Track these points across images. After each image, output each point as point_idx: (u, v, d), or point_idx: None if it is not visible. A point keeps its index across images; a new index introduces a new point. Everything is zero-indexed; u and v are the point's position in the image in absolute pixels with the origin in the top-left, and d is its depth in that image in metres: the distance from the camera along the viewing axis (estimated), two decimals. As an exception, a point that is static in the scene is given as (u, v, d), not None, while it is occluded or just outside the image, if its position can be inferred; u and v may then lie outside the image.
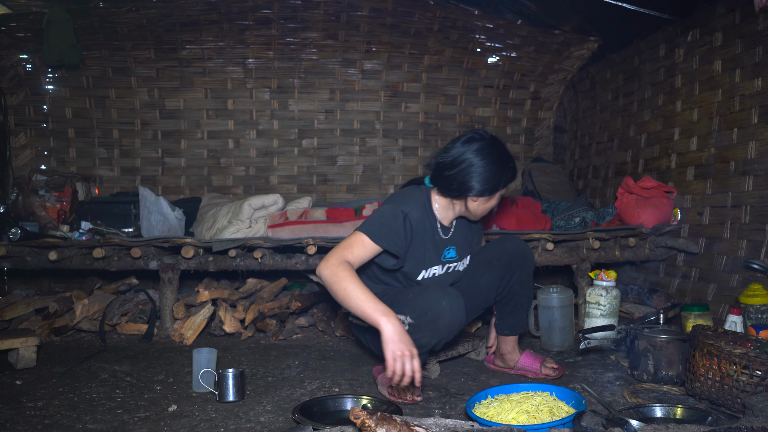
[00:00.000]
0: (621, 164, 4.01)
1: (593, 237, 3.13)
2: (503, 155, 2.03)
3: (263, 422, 1.85)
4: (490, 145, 2.01)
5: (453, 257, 2.16)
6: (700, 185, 3.23)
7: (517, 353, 2.39)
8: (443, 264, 2.15)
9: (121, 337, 3.02)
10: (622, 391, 2.12)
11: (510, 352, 2.39)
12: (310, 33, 4.24)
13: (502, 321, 2.35)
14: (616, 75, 4.13)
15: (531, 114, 4.80)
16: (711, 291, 3.05)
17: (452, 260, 2.17)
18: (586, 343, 2.29)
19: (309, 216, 3.17)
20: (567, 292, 2.80)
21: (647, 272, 3.59)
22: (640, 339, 2.27)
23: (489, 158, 1.99)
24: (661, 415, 1.79)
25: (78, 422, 1.86)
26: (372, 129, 4.62)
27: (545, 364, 2.34)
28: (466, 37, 4.34)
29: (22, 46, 3.99)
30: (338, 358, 2.65)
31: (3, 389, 2.19)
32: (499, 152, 2.02)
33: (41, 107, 4.23)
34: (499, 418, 1.70)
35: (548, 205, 3.78)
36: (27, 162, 4.20)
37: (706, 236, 3.16)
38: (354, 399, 1.96)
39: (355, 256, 1.92)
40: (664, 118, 3.58)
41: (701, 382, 1.92)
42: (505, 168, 2.03)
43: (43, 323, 2.91)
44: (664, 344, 2.21)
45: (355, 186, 4.63)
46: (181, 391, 2.17)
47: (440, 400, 2.06)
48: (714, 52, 3.15)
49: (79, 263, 3.03)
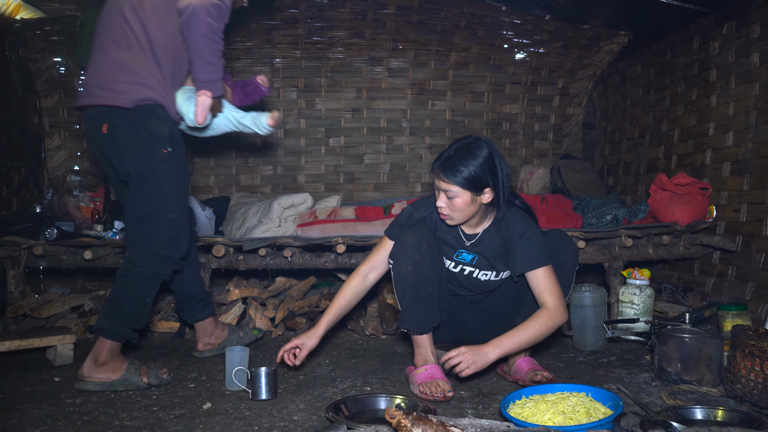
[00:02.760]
0: (653, 160, 3.94)
1: (626, 235, 3.08)
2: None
3: (297, 420, 1.86)
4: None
5: (466, 260, 2.24)
6: (737, 181, 3.15)
7: (520, 356, 2.23)
8: (456, 262, 2.25)
9: (153, 334, 3.07)
10: (658, 392, 2.08)
11: (513, 355, 2.20)
12: (336, 32, 4.25)
13: (523, 313, 2.20)
14: (648, 69, 4.05)
15: (559, 110, 4.74)
16: (749, 290, 2.98)
17: (466, 263, 2.24)
18: (611, 332, 2.38)
19: (338, 215, 3.17)
20: (600, 290, 2.76)
21: (681, 270, 3.52)
22: (663, 336, 2.23)
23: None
24: (701, 417, 1.75)
25: (116, 419, 1.89)
26: (399, 127, 4.61)
27: (536, 372, 2.14)
28: (494, 34, 4.30)
29: (56, 50, 4.07)
30: (368, 356, 2.65)
31: (43, 386, 2.24)
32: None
33: (74, 109, 4.30)
34: (534, 419, 1.68)
35: (578, 202, 3.73)
36: (61, 163, 4.28)
37: (744, 233, 3.08)
38: (388, 398, 1.95)
39: (374, 254, 2.27)
40: (698, 112, 3.50)
41: (742, 383, 1.87)
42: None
43: (79, 321, 2.97)
44: (687, 343, 2.16)
45: (382, 184, 4.63)
46: (215, 389, 2.19)
47: (473, 399, 2.05)
48: (751, 45, 3.07)
49: (113, 262, 3.08)
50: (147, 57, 2.11)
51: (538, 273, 2.07)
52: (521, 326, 2.03)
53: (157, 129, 2.12)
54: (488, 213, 2.17)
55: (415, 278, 2.12)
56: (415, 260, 2.11)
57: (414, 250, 2.11)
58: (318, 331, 2.18)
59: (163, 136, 2.13)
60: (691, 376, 2.14)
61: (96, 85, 2.14)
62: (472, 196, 2.04)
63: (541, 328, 2.02)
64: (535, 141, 4.75)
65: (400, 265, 2.13)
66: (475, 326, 2.41)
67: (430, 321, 2.16)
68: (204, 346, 2.61)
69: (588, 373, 2.36)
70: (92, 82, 2.15)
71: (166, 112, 2.16)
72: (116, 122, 2.11)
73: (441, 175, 2.03)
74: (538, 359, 2.44)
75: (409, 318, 2.15)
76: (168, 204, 2.16)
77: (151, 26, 2.11)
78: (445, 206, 2.07)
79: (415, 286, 2.12)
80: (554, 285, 2.08)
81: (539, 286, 2.08)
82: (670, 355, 2.19)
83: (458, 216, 2.08)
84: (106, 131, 2.12)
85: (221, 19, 2.10)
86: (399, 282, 2.16)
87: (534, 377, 2.11)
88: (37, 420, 1.88)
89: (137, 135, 2.11)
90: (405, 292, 2.14)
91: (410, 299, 2.14)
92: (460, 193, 2.02)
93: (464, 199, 2.03)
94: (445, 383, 2.05)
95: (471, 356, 1.95)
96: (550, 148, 4.77)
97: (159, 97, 2.13)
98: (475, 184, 2.02)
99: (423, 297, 2.13)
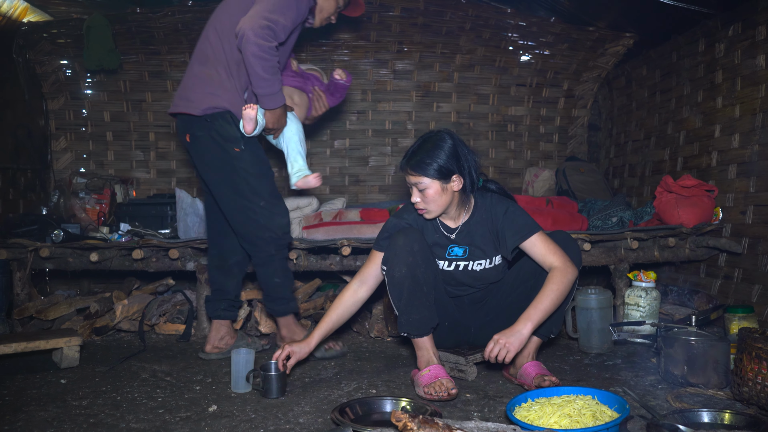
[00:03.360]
0: (659, 162, 3.93)
1: (631, 237, 3.07)
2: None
3: (302, 423, 1.86)
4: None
5: (459, 255, 2.26)
6: (743, 183, 3.14)
7: (527, 360, 2.21)
8: (449, 261, 2.27)
9: (159, 337, 3.08)
10: (665, 395, 2.07)
11: (522, 355, 2.21)
12: (342, 34, 4.26)
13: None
14: (653, 71, 4.04)
15: (564, 112, 4.74)
16: (756, 292, 2.97)
17: (458, 258, 2.26)
18: (617, 334, 2.42)
19: (343, 217, 3.18)
20: (606, 293, 2.75)
21: (687, 273, 3.51)
22: (669, 339, 2.22)
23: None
24: (708, 421, 1.74)
25: (122, 421, 1.89)
26: (404, 129, 4.61)
27: (543, 377, 2.11)
28: (499, 36, 4.30)
29: (63, 52, 4.10)
30: (374, 359, 2.65)
31: (49, 388, 2.25)
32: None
33: (80, 111, 4.33)
34: (540, 422, 1.67)
35: (584, 204, 3.72)
36: (67, 165, 4.30)
37: (750, 236, 3.07)
38: (394, 401, 1.95)
39: (365, 268, 2.30)
40: (703, 114, 3.49)
41: (749, 386, 1.86)
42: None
43: (85, 323, 2.98)
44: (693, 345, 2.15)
45: (387, 186, 4.63)
46: (220, 392, 2.19)
47: (478, 402, 2.04)
48: (757, 47, 3.06)
49: (119, 264, 3.09)
50: (221, 70, 2.40)
51: (532, 240, 2.13)
52: (539, 294, 2.04)
53: (227, 132, 2.39)
54: (465, 203, 2.23)
55: (410, 280, 2.12)
56: (408, 262, 2.11)
57: (406, 251, 2.12)
58: (310, 342, 2.20)
59: (233, 137, 2.39)
60: (698, 378, 2.13)
61: (179, 95, 2.48)
62: (441, 185, 2.11)
63: (559, 287, 2.04)
64: (541, 143, 4.75)
65: (394, 269, 2.13)
66: (478, 329, 2.41)
67: (428, 322, 2.16)
68: (212, 348, 2.66)
69: (594, 376, 2.35)
70: (177, 94, 2.50)
71: (234, 116, 2.40)
72: (195, 132, 2.42)
73: (408, 170, 2.12)
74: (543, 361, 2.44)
75: (408, 321, 2.15)
76: (256, 192, 2.43)
77: (227, 44, 2.40)
78: (420, 200, 2.14)
79: (410, 288, 2.13)
80: (553, 245, 2.12)
81: (539, 252, 2.12)
82: (676, 357, 2.18)
83: (433, 207, 2.15)
84: (189, 140, 2.46)
85: (273, 38, 2.29)
86: (394, 286, 2.16)
87: (541, 383, 2.07)
88: (44, 422, 1.88)
89: (212, 139, 2.40)
90: (401, 295, 2.15)
91: (407, 302, 2.14)
92: (429, 183, 2.10)
93: (435, 189, 2.11)
94: (448, 381, 2.05)
95: (506, 340, 1.97)
96: (555, 150, 4.76)
97: (227, 104, 2.39)
98: (442, 173, 2.10)
99: (419, 298, 2.13)
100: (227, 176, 2.43)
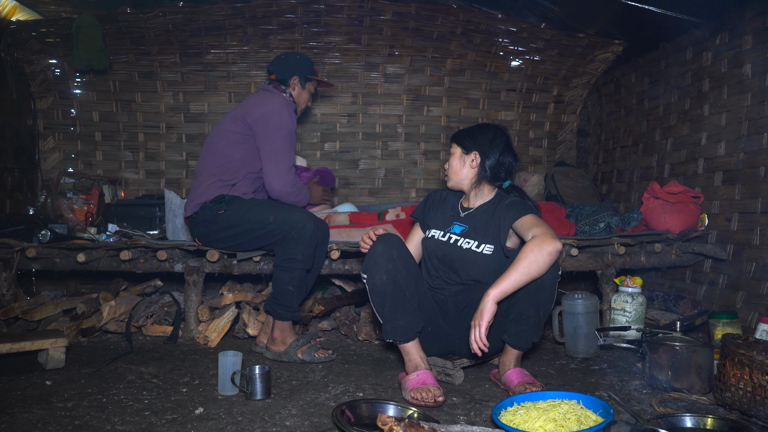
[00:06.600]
0: (646, 169, 3.96)
1: (618, 242, 3.10)
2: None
3: (289, 426, 1.86)
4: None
5: (456, 231, 2.36)
6: (729, 190, 3.18)
7: (510, 367, 2.22)
8: (446, 233, 2.38)
9: (146, 338, 3.06)
10: (649, 399, 2.09)
11: (505, 363, 2.23)
12: (333, 37, 4.26)
13: (506, 326, 2.18)
14: (642, 78, 4.08)
15: (554, 118, 4.77)
16: (740, 298, 3.00)
17: (455, 233, 2.36)
18: (603, 339, 2.50)
19: (332, 220, 3.18)
20: (592, 298, 2.77)
21: (673, 278, 3.54)
22: (654, 344, 2.24)
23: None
24: (690, 426, 1.76)
25: (107, 423, 1.88)
26: (394, 132, 4.63)
27: (525, 385, 2.09)
28: (489, 41, 4.33)
29: (52, 51, 4.08)
30: (361, 362, 2.66)
31: (34, 389, 2.23)
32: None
33: (69, 111, 4.31)
34: (525, 426, 1.69)
35: (572, 209, 3.74)
36: (55, 165, 4.28)
37: (735, 242, 3.11)
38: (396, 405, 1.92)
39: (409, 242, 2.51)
40: (690, 122, 3.53)
41: (732, 392, 1.89)
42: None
43: (71, 324, 2.96)
44: (678, 351, 2.17)
45: (377, 189, 4.64)
46: (207, 394, 2.19)
47: (465, 406, 2.05)
48: (743, 56, 3.10)
49: (106, 265, 3.08)
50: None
51: (524, 218, 2.16)
52: (512, 263, 2.01)
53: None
54: (480, 186, 2.35)
55: (391, 286, 2.13)
56: (387, 269, 2.13)
57: (385, 258, 2.13)
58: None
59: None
60: (682, 384, 2.16)
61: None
62: (461, 153, 2.34)
63: (535, 256, 1.98)
64: (530, 148, 4.78)
65: (374, 276, 2.15)
66: (461, 339, 2.33)
67: (413, 327, 2.16)
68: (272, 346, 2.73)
69: (580, 380, 2.37)
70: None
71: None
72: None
73: (451, 140, 2.41)
74: (530, 365, 2.45)
75: (393, 328, 2.15)
76: (263, 214, 2.65)
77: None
78: (448, 166, 2.39)
79: (392, 294, 2.13)
80: (541, 222, 2.12)
81: (526, 226, 2.12)
82: (661, 363, 2.21)
83: (451, 174, 2.38)
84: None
85: (293, 171, 2.80)
86: (375, 294, 2.16)
87: (523, 391, 2.04)
88: (28, 424, 1.87)
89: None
90: (384, 302, 2.15)
91: (390, 308, 2.14)
92: (455, 149, 2.37)
93: (456, 155, 2.36)
94: (436, 389, 2.05)
95: (477, 320, 1.98)
96: (544, 155, 4.80)
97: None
98: (467, 143, 2.33)
99: (402, 303, 2.14)
100: (241, 217, 2.71)
